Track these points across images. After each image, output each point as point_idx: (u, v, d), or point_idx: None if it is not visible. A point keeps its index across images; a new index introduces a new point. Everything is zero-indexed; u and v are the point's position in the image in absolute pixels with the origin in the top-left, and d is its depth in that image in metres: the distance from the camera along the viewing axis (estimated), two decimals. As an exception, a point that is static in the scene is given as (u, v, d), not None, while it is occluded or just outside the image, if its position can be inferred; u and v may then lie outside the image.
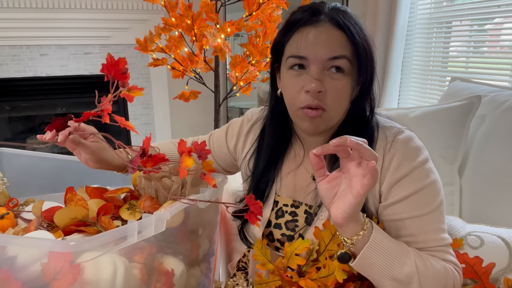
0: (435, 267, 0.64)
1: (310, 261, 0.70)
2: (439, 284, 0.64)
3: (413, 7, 2.10)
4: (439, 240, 0.68)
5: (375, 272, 0.61)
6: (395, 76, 2.15)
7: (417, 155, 0.69)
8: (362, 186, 0.56)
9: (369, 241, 0.60)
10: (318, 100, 0.67)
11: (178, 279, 0.65)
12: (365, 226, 0.61)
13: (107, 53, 0.55)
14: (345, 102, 0.71)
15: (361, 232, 0.60)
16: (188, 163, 0.53)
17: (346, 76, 0.68)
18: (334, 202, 0.60)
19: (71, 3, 2.38)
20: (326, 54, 0.66)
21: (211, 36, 1.57)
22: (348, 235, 0.61)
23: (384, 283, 0.62)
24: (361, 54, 0.68)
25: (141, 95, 0.57)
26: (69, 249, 0.48)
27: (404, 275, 0.61)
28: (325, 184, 0.61)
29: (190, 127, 2.90)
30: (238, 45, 1.86)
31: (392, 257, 0.61)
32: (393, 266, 0.61)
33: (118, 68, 0.53)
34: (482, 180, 1.12)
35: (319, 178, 0.61)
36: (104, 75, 0.55)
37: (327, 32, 0.67)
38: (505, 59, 1.70)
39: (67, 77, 2.56)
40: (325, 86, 0.67)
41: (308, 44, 0.67)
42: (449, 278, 0.65)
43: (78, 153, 0.71)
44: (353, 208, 0.58)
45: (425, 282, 0.62)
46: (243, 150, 0.89)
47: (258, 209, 0.62)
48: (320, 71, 0.67)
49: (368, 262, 0.61)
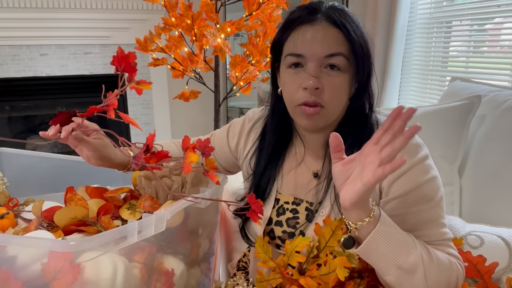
0: (440, 259, 0.64)
1: (311, 258, 0.70)
2: (443, 276, 0.64)
3: (413, 7, 2.10)
4: (441, 234, 0.68)
5: (380, 260, 0.61)
6: (395, 75, 2.15)
7: (417, 151, 0.69)
8: (374, 175, 0.55)
9: (375, 228, 0.60)
10: (315, 96, 0.68)
11: (178, 279, 0.65)
12: (371, 214, 0.60)
13: (107, 53, 0.56)
14: (343, 98, 0.71)
15: (366, 218, 0.60)
16: (192, 159, 0.53)
17: (343, 73, 0.69)
18: (345, 185, 0.60)
19: (71, 3, 2.38)
20: (323, 52, 0.67)
21: (211, 36, 1.57)
22: (353, 219, 0.61)
23: (388, 271, 0.62)
24: (358, 51, 0.68)
25: (149, 88, 0.58)
26: (69, 249, 0.48)
27: (410, 264, 0.61)
28: (340, 166, 0.61)
29: (190, 127, 2.90)
30: (238, 45, 1.86)
31: (398, 245, 0.61)
32: (399, 254, 0.61)
33: (129, 61, 0.54)
34: (482, 180, 1.12)
35: (335, 160, 0.61)
36: (105, 75, 0.55)
37: (323, 30, 0.68)
38: (505, 59, 1.70)
39: (67, 77, 2.56)
40: (322, 83, 0.68)
41: (305, 42, 0.68)
42: (453, 270, 0.66)
43: (80, 150, 0.71)
44: (361, 195, 0.57)
45: (429, 273, 0.62)
46: (244, 149, 0.89)
47: (259, 207, 0.62)
48: (317, 68, 0.68)
49: (374, 248, 0.61)
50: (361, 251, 0.62)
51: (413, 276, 0.61)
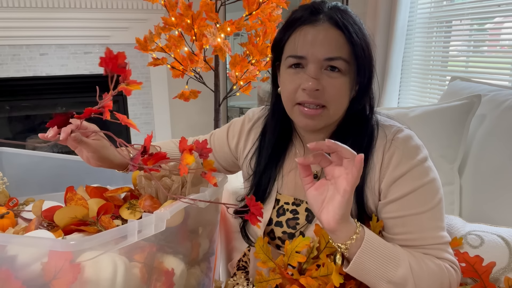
0: (430, 267, 0.65)
1: (311, 259, 0.70)
2: (435, 284, 0.64)
3: (413, 6, 2.10)
4: (437, 238, 0.68)
5: (371, 276, 0.62)
6: (395, 75, 2.15)
7: (417, 153, 0.69)
8: (347, 182, 0.57)
9: (362, 245, 0.61)
10: (315, 98, 0.68)
11: (178, 278, 0.65)
12: (357, 230, 0.62)
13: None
14: (344, 100, 0.71)
15: (354, 236, 0.61)
16: (189, 160, 0.53)
17: (343, 75, 0.68)
18: (324, 208, 0.61)
19: (71, 3, 2.38)
20: (323, 54, 0.67)
21: (211, 36, 1.57)
22: (342, 240, 0.61)
23: (380, 286, 0.62)
24: (359, 54, 0.68)
25: (139, 88, 0.56)
26: (69, 248, 0.48)
27: (399, 277, 0.62)
28: (313, 191, 0.62)
29: (190, 127, 2.90)
30: (238, 44, 1.86)
31: (386, 260, 0.62)
32: (387, 268, 0.61)
33: (116, 62, 0.53)
34: (482, 179, 1.12)
35: (307, 185, 0.63)
36: (104, 75, 0.55)
37: (324, 32, 0.67)
38: (505, 58, 1.70)
39: (67, 76, 2.56)
40: (322, 84, 0.68)
41: (306, 43, 0.68)
42: (445, 276, 0.66)
43: (80, 151, 0.71)
44: (343, 208, 0.59)
45: (420, 283, 0.63)
46: (244, 149, 0.89)
47: (258, 210, 0.62)
48: (318, 70, 0.68)
49: (362, 266, 0.61)
50: (350, 270, 0.62)
51: None
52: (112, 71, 0.53)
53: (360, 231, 0.62)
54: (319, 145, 0.57)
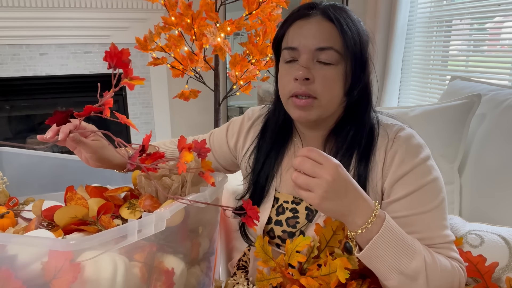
0: (443, 264, 0.64)
1: (311, 258, 0.70)
2: (446, 281, 0.64)
3: (413, 6, 2.10)
4: (443, 237, 0.68)
5: (382, 264, 0.61)
6: (395, 75, 2.15)
7: (419, 152, 0.69)
8: (305, 199, 0.61)
9: (379, 233, 0.59)
10: (305, 87, 0.68)
11: (178, 278, 0.65)
12: (374, 213, 0.60)
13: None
14: (337, 91, 0.70)
15: (369, 220, 0.60)
16: (187, 158, 0.53)
17: (335, 66, 0.69)
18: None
19: (71, 2, 2.38)
20: (314, 44, 0.68)
21: (211, 35, 1.57)
22: (352, 228, 0.61)
23: (390, 276, 0.61)
24: (350, 46, 0.68)
25: (142, 84, 0.57)
26: (69, 248, 0.48)
27: (412, 270, 0.60)
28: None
29: (190, 126, 2.90)
30: (238, 44, 1.86)
31: (402, 250, 0.60)
32: (401, 259, 0.60)
33: (121, 57, 0.53)
34: (482, 179, 1.12)
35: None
36: (104, 75, 0.55)
37: (316, 24, 0.69)
38: (505, 58, 1.70)
39: (67, 76, 2.56)
40: (313, 74, 0.68)
41: (298, 35, 0.70)
42: (456, 275, 0.65)
43: (78, 151, 0.71)
44: (328, 213, 0.63)
45: (432, 279, 0.62)
46: (243, 148, 0.89)
47: (255, 213, 0.62)
48: (309, 60, 0.69)
49: (376, 253, 0.60)
50: (363, 256, 0.61)
51: (415, 282, 0.61)
52: (116, 66, 0.53)
53: (378, 215, 0.60)
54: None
